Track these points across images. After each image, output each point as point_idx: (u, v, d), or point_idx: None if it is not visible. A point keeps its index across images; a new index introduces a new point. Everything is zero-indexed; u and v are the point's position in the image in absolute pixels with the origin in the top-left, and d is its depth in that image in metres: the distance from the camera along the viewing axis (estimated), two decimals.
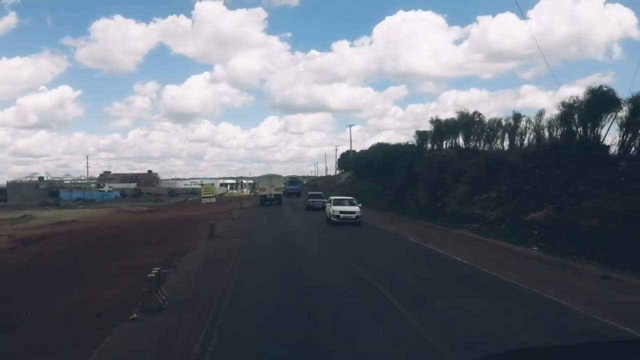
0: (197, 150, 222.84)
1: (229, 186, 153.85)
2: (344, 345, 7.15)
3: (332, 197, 30.37)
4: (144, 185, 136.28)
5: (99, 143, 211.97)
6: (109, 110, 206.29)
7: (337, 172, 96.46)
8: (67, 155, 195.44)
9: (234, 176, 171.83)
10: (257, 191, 60.59)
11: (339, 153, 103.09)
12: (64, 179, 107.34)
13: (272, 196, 44.01)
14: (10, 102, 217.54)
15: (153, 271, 9.35)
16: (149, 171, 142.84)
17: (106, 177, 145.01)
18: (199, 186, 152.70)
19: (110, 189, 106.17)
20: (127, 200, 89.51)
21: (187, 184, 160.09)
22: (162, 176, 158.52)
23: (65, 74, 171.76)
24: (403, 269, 14.15)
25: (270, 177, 48.58)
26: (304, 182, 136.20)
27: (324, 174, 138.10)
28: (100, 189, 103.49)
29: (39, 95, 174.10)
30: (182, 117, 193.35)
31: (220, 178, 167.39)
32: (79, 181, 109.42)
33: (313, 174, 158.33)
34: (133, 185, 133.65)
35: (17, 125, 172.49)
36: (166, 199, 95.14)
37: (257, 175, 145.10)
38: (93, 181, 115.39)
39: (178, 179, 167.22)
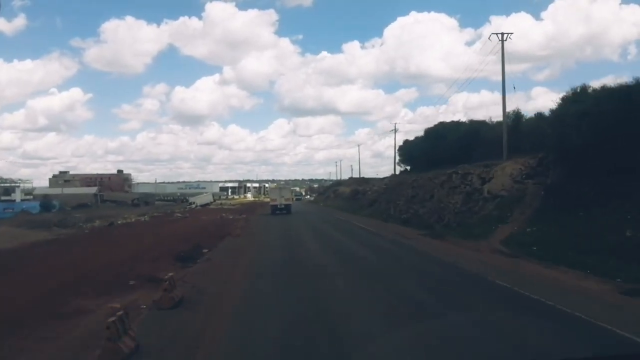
0: (205, 153, 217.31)
1: (229, 190, 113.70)
2: None
3: None
4: (108, 190, 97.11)
5: (108, 145, 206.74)
6: (118, 112, 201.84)
7: (401, 168, 55.23)
8: (75, 158, 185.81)
9: (241, 179, 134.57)
10: (265, 198, 65.57)
11: (400, 138, 61.06)
12: None
13: (282, 206, 47.56)
14: (20, 104, 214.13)
15: None
16: (119, 171, 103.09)
17: (62, 178, 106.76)
18: (193, 190, 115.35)
19: (30, 198, 65.75)
20: (27, 221, 48.87)
21: (181, 187, 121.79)
22: (171, 179, 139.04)
23: (75, 76, 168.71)
24: None
25: (280, 189, 55.39)
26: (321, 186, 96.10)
27: (345, 176, 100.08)
28: (5, 199, 62.95)
29: (48, 98, 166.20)
30: (191, 120, 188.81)
31: (224, 181, 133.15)
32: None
33: (328, 177, 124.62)
34: (94, 189, 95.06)
35: (26, 127, 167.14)
36: (104, 216, 54.33)
37: (264, 178, 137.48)
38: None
39: (185, 182, 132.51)
